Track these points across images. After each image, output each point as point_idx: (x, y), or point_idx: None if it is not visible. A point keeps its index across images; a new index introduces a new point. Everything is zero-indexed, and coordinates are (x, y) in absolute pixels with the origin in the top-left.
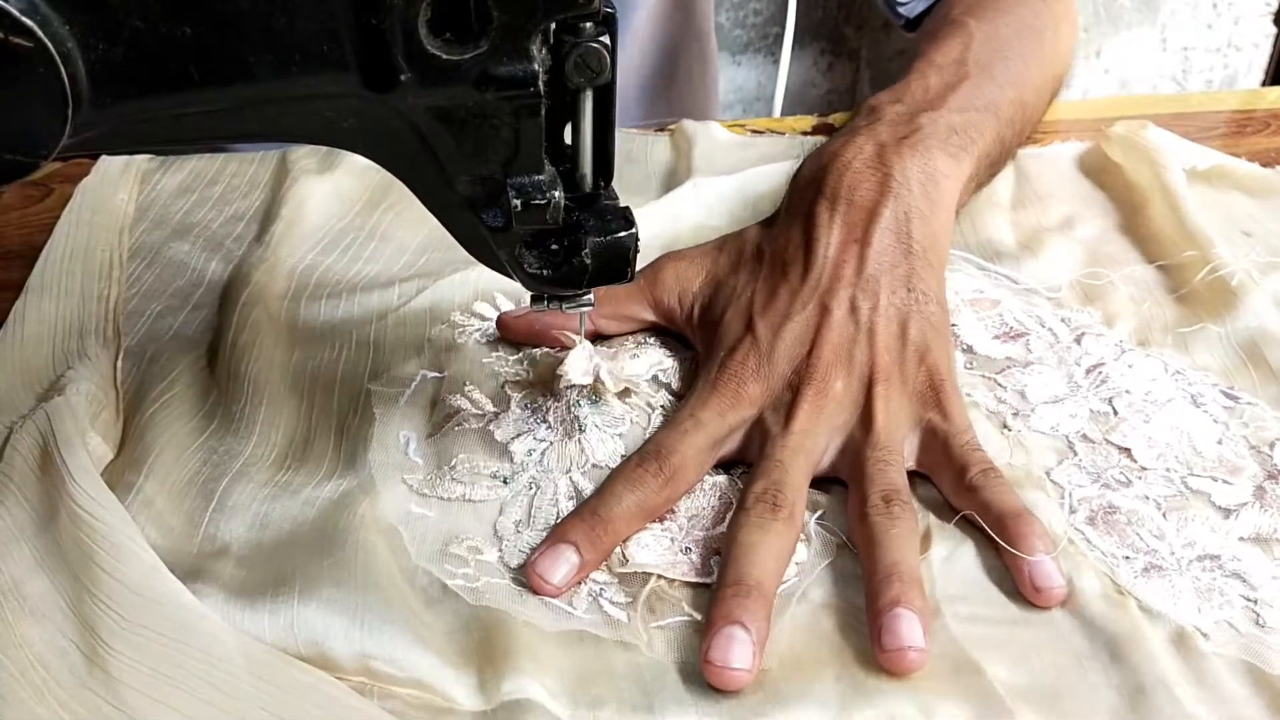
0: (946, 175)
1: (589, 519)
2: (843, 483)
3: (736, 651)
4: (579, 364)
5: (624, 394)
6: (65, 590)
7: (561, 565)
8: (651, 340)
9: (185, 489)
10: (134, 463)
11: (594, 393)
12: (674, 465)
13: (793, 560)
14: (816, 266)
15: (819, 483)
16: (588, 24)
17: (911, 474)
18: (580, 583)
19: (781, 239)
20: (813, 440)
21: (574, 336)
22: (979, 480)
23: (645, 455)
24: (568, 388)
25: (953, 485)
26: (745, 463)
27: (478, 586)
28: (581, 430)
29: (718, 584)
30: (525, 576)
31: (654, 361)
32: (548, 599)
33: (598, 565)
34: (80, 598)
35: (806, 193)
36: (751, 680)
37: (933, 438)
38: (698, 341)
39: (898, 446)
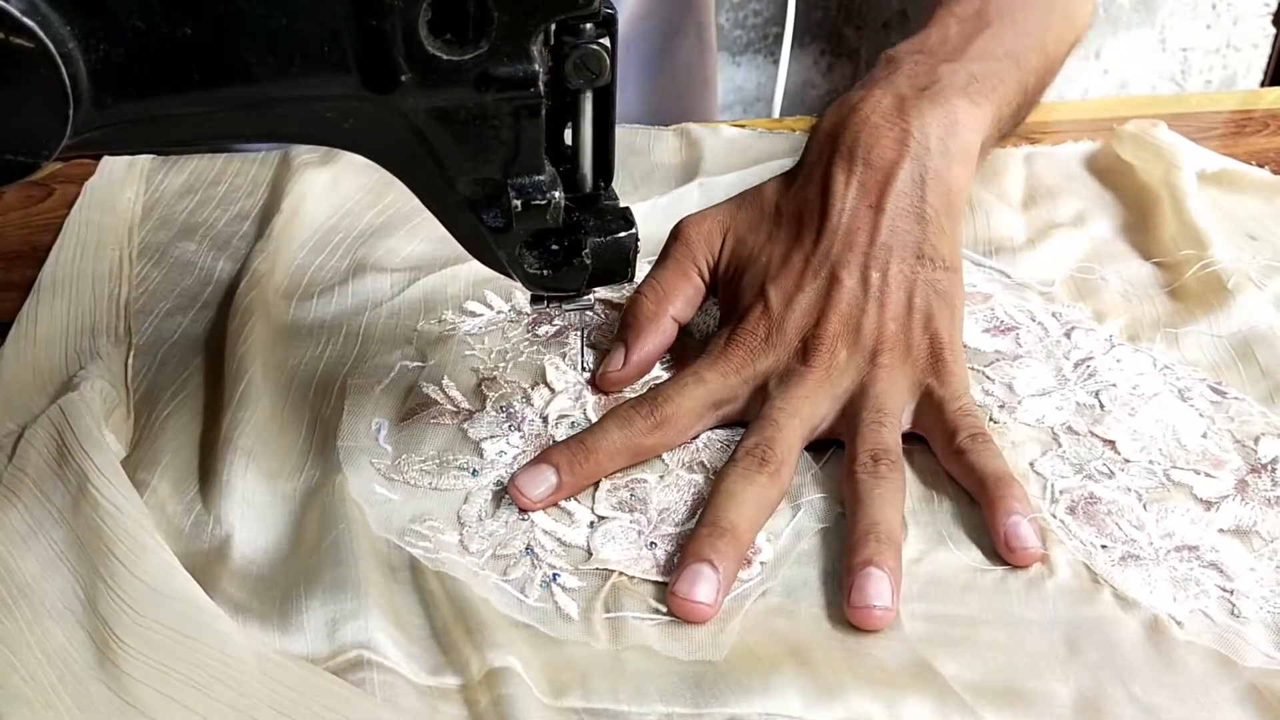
0: (966, 124)
1: (574, 446)
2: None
3: (701, 586)
4: (563, 402)
5: None
6: (83, 583)
7: (540, 483)
8: None
9: (196, 495)
10: (148, 463)
11: (574, 423)
12: (665, 412)
13: (757, 560)
14: (829, 231)
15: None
16: (588, 25)
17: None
18: (556, 504)
19: (798, 198)
20: (812, 405)
21: (568, 371)
22: (966, 444)
23: (640, 399)
24: (552, 417)
25: (943, 448)
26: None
27: (437, 558)
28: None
29: (696, 525)
30: (508, 490)
31: (650, 377)
32: (500, 583)
33: (575, 491)
34: (96, 591)
35: (824, 149)
36: (713, 615)
37: (929, 401)
38: (720, 300)
39: (894, 410)
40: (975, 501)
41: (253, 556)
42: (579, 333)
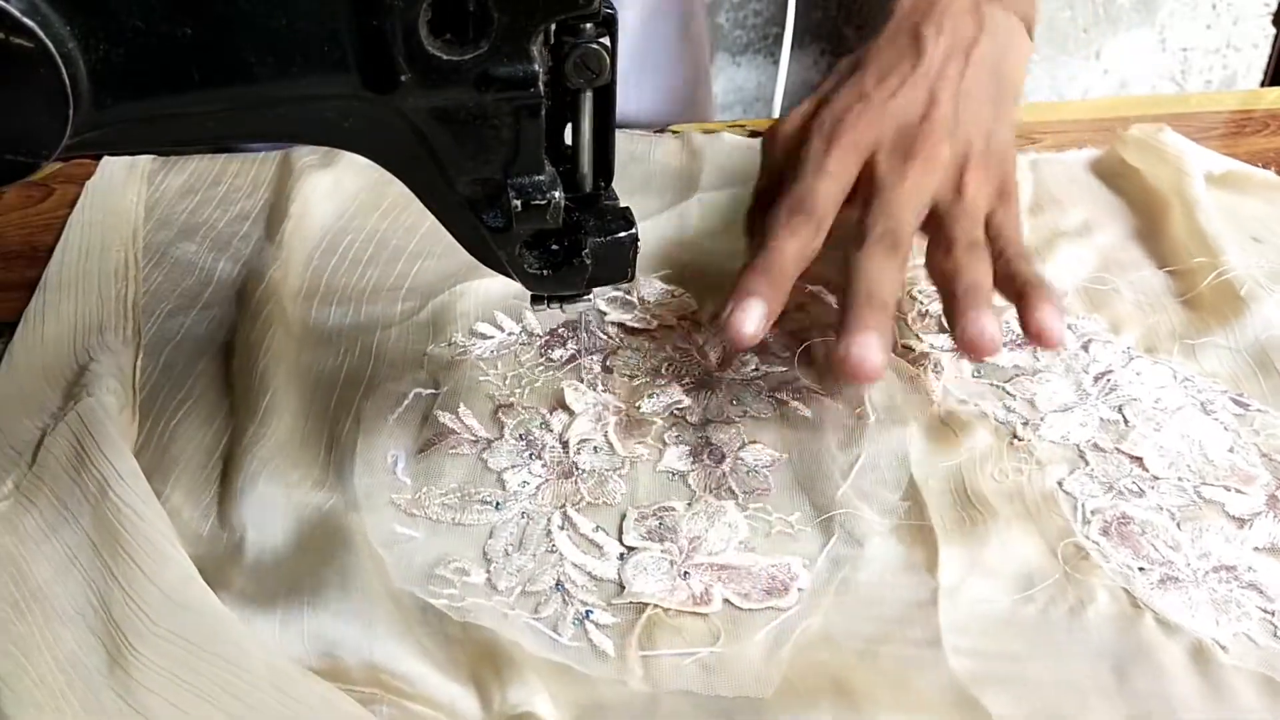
0: (1019, 44)
1: (763, 270)
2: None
3: (873, 349)
4: (583, 425)
5: (634, 434)
6: (97, 589)
7: (754, 316)
8: (664, 380)
9: (212, 502)
10: (160, 471)
11: (595, 447)
12: (820, 214)
13: (795, 587)
14: (925, 65)
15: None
16: (588, 25)
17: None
18: (763, 335)
19: (887, 53)
20: (919, 197)
21: (587, 392)
22: (1013, 255)
23: (793, 209)
24: (573, 442)
25: (992, 255)
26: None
27: (463, 606)
28: (580, 472)
29: (849, 299)
30: (722, 336)
31: (671, 400)
32: (531, 623)
33: (779, 310)
34: (112, 597)
35: (909, 18)
36: (880, 377)
37: (991, 218)
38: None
39: (980, 213)
40: (1010, 521)
41: (267, 570)
42: (593, 357)
